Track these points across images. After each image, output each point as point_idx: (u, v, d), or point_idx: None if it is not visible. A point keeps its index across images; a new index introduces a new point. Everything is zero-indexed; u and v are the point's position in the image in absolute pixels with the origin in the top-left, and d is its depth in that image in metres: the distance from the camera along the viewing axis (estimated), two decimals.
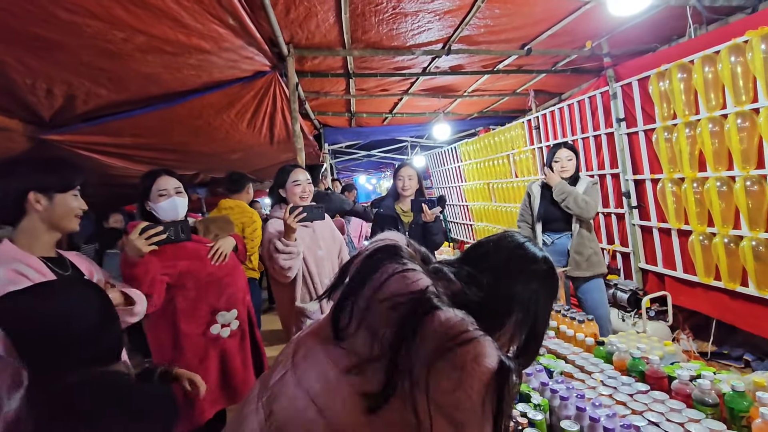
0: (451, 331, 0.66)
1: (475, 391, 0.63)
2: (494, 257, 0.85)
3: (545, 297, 0.83)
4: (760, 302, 2.35)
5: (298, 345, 0.86)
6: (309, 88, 3.91)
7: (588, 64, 3.70)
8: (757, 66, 2.11)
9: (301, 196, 2.00)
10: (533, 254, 0.85)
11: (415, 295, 0.72)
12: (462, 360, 0.64)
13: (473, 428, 0.65)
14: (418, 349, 0.67)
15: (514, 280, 0.81)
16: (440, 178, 7.62)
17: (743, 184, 2.28)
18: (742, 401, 1.15)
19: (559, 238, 2.68)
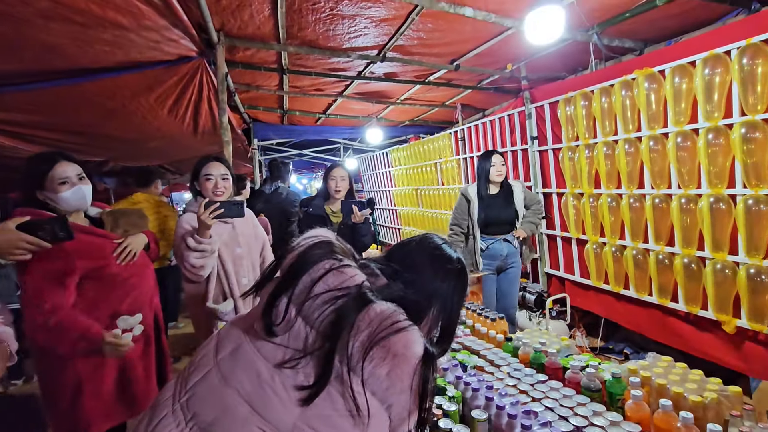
0: (385, 321, 0.73)
1: (405, 375, 0.71)
2: (416, 256, 0.91)
3: (459, 293, 0.91)
4: (638, 303, 2.75)
5: (220, 342, 0.84)
6: (239, 79, 3.74)
7: (508, 85, 4.04)
8: (641, 100, 2.47)
9: (215, 192, 1.87)
10: (449, 255, 0.92)
11: (351, 290, 0.77)
12: (395, 347, 0.71)
13: (402, 409, 0.73)
14: (355, 338, 0.72)
15: (433, 277, 0.88)
16: (371, 181, 7.73)
17: (628, 201, 2.65)
18: (618, 386, 1.33)
19: (493, 243, 2.87)
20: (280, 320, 0.78)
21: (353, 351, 0.72)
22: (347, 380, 0.71)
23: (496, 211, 2.84)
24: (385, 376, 0.71)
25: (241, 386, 0.74)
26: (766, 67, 1.91)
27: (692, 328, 2.46)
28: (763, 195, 1.97)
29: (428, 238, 0.96)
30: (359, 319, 0.73)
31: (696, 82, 2.18)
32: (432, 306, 0.86)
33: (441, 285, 0.88)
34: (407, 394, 0.72)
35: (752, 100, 1.97)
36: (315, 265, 0.81)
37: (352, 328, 0.72)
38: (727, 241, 2.14)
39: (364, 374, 0.71)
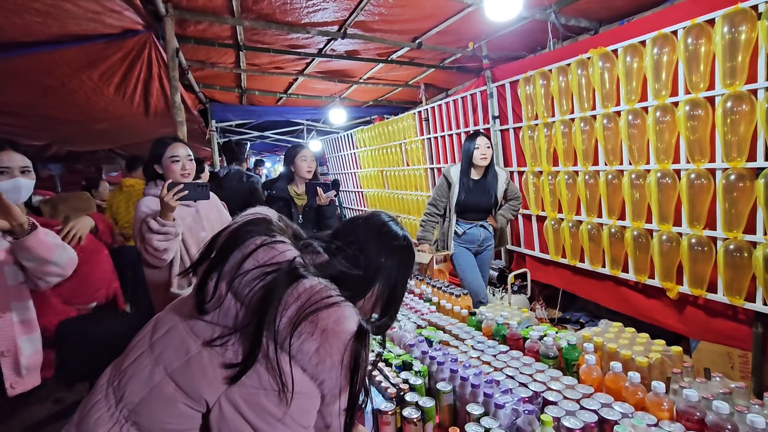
0: (314, 296, 0.73)
1: (335, 350, 0.71)
2: (362, 233, 0.92)
3: (404, 269, 0.92)
4: (593, 275, 2.90)
5: (157, 324, 0.84)
6: (193, 56, 3.54)
7: (470, 64, 4.05)
8: (596, 79, 2.55)
9: (182, 174, 1.82)
10: (395, 232, 0.94)
11: (282, 265, 0.77)
12: (324, 323, 0.71)
13: (333, 385, 0.73)
14: (283, 314, 0.71)
15: (378, 254, 0.89)
16: (336, 163, 7.62)
17: (583, 177, 2.76)
18: (573, 352, 1.41)
19: (470, 228, 2.83)
20: (210, 298, 0.77)
21: (281, 327, 0.71)
22: (274, 357, 0.71)
23: (476, 197, 2.76)
24: (314, 352, 0.70)
25: (170, 365, 0.74)
26: (708, 46, 2.01)
27: (641, 295, 2.63)
28: (704, 170, 2.11)
29: (375, 215, 0.97)
30: (288, 295, 0.73)
31: (646, 61, 2.27)
32: (376, 282, 0.88)
33: (385, 261, 0.89)
34: (338, 370, 0.72)
35: (695, 79, 2.08)
36: (246, 241, 0.81)
37: (280, 304, 0.72)
38: (672, 213, 2.28)
39: (292, 350, 0.70)
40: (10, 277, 1.27)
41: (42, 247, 1.26)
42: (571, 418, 1.06)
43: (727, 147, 1.99)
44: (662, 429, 1.01)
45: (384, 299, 0.90)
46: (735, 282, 2.04)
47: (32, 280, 1.30)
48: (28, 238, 1.23)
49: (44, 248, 1.26)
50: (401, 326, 1.75)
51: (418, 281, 2.47)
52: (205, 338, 0.75)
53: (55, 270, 1.31)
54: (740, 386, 1.13)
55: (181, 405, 0.71)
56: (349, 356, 0.72)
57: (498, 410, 1.13)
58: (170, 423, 0.72)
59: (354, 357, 0.72)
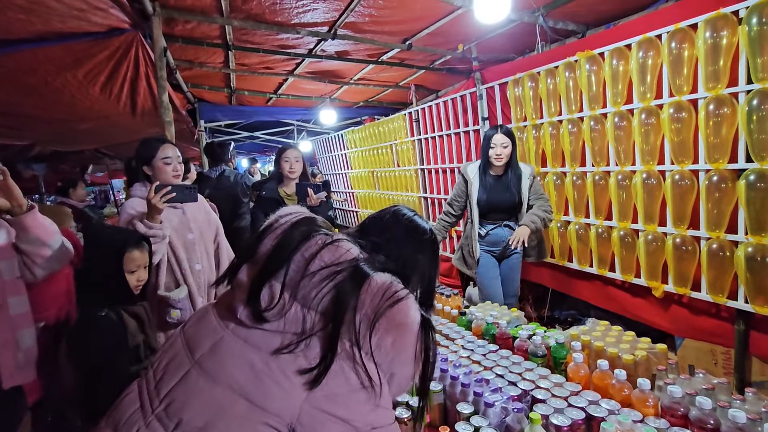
0: (387, 292, 0.73)
1: (409, 344, 0.73)
2: (392, 229, 0.93)
3: (433, 261, 0.96)
4: (581, 274, 2.94)
5: (192, 341, 0.77)
6: (181, 55, 3.50)
7: (460, 66, 4.08)
8: (583, 81, 2.59)
9: (174, 175, 1.80)
10: (423, 227, 0.96)
11: (351, 263, 0.77)
12: (398, 317, 0.72)
13: (405, 378, 0.75)
14: (360, 313, 0.72)
15: (412, 249, 0.92)
16: (327, 164, 7.60)
17: (571, 178, 2.79)
18: (561, 351, 1.43)
19: (494, 229, 2.63)
20: (272, 305, 0.73)
21: (359, 325, 0.71)
22: (355, 354, 0.70)
23: (498, 194, 2.56)
24: (391, 347, 0.71)
25: (234, 381, 0.68)
26: (691, 50, 2.06)
27: (628, 294, 2.68)
28: (687, 171, 2.15)
29: (400, 211, 0.98)
30: (362, 292, 0.73)
31: (631, 65, 2.31)
32: (414, 275, 0.90)
33: (418, 255, 0.92)
34: (411, 362, 0.74)
35: (679, 82, 2.12)
36: (306, 242, 0.78)
37: (357, 303, 0.72)
38: (657, 213, 2.32)
39: (371, 347, 0.71)
40: (7, 272, 1.27)
41: (40, 228, 1.27)
42: (559, 416, 1.07)
43: (710, 149, 2.03)
44: (647, 425, 1.03)
45: (418, 292, 0.91)
46: (718, 280, 2.09)
47: (29, 268, 1.30)
48: (27, 215, 1.24)
49: (42, 229, 1.28)
50: None
51: None
52: (270, 348, 0.70)
53: (51, 255, 1.31)
54: (722, 382, 1.16)
55: (258, 425, 0.66)
56: (420, 347, 0.74)
57: (488, 409, 1.14)
58: None
59: (425, 347, 0.75)
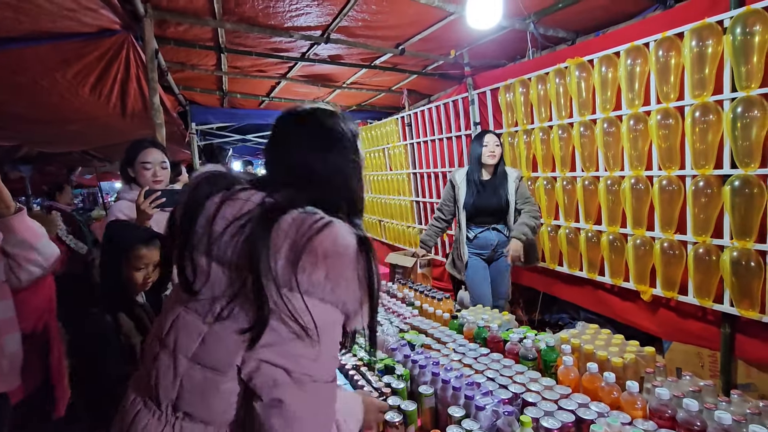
0: (301, 227, 0.69)
1: (345, 269, 0.69)
2: (295, 154, 0.83)
3: (350, 161, 0.85)
4: (571, 278, 2.96)
5: (160, 324, 0.80)
6: (172, 57, 3.47)
7: (452, 71, 4.11)
8: (573, 88, 2.63)
9: (154, 181, 1.78)
10: (326, 131, 0.83)
11: (253, 212, 0.73)
12: (322, 247, 0.68)
13: (354, 301, 0.71)
14: (276, 257, 0.68)
15: (322, 164, 0.81)
16: None
17: (561, 183, 2.82)
18: (552, 354, 1.44)
19: (482, 232, 2.68)
20: (194, 274, 0.74)
21: (280, 271, 0.68)
22: (283, 304, 0.67)
23: (486, 198, 2.60)
24: (325, 279, 0.68)
25: (188, 350, 0.72)
26: (678, 59, 2.10)
27: (617, 298, 2.71)
28: (674, 176, 2.19)
29: (291, 128, 0.87)
30: (273, 237, 0.69)
31: (620, 72, 2.35)
32: (334, 194, 0.82)
33: (331, 168, 0.81)
34: (354, 285, 0.70)
35: (666, 89, 2.16)
36: (204, 204, 0.77)
37: (269, 248, 0.68)
38: (645, 218, 2.36)
39: (302, 287, 0.67)
40: None
41: (27, 230, 1.25)
42: (549, 419, 1.08)
43: (696, 155, 2.07)
44: (636, 427, 1.04)
45: (347, 204, 0.84)
46: (704, 284, 2.13)
47: (15, 273, 1.27)
48: (15, 217, 1.23)
49: (30, 232, 1.26)
50: (384, 330, 1.75)
51: (401, 285, 2.48)
52: (210, 315, 0.71)
53: (38, 259, 1.29)
54: (709, 384, 1.18)
55: (221, 385, 0.69)
56: (361, 269, 0.70)
57: (478, 412, 1.14)
58: (223, 406, 0.70)
59: (366, 268, 0.70)
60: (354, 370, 1.45)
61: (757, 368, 2.09)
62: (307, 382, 0.68)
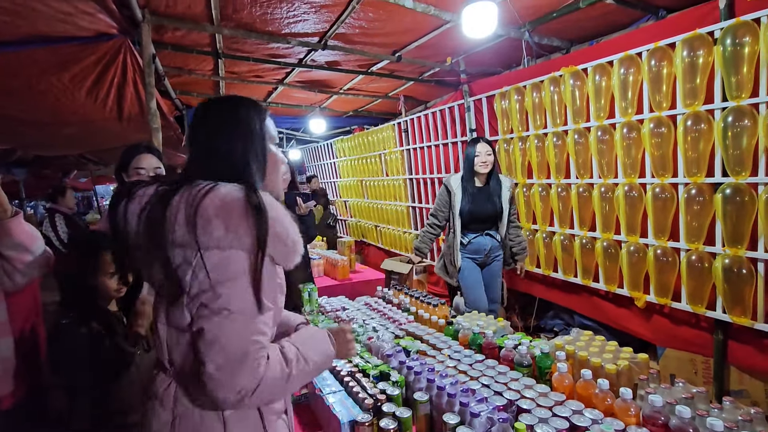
0: (189, 197, 0.78)
1: (240, 217, 0.76)
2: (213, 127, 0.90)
3: (254, 122, 0.91)
4: (566, 284, 2.98)
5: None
6: (170, 62, 3.48)
7: (449, 78, 4.14)
8: (567, 96, 2.66)
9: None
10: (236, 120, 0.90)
11: (151, 199, 0.82)
12: (213, 207, 0.76)
13: (246, 254, 0.77)
14: (174, 230, 0.77)
15: (224, 139, 0.88)
16: (316, 172, 7.60)
17: (556, 190, 2.85)
18: (546, 360, 1.44)
19: (476, 237, 2.70)
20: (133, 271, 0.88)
21: (179, 239, 0.76)
22: (192, 263, 0.76)
23: (480, 205, 2.64)
24: (226, 232, 0.75)
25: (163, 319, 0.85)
26: (670, 68, 2.13)
27: (612, 304, 2.72)
28: (667, 184, 2.22)
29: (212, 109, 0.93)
30: (168, 216, 0.78)
31: (613, 81, 2.39)
32: (242, 150, 0.88)
33: (233, 138, 0.88)
34: (252, 231, 0.76)
35: (658, 98, 2.19)
36: (117, 209, 0.87)
37: (165, 225, 0.77)
38: (639, 225, 2.38)
39: (206, 245, 0.75)
40: None
41: (23, 233, 1.27)
42: (543, 426, 1.08)
43: (688, 163, 2.10)
44: None
45: (255, 160, 0.89)
46: (697, 291, 2.15)
47: (8, 275, 1.29)
48: (12, 220, 1.25)
49: (25, 234, 1.28)
50: (379, 336, 1.75)
51: (396, 291, 2.48)
52: (163, 315, 0.85)
53: (32, 260, 1.31)
54: (701, 391, 1.19)
55: (182, 339, 0.81)
56: (252, 221, 0.76)
57: (473, 419, 1.14)
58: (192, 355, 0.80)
59: (256, 218, 0.76)
60: (349, 377, 1.45)
61: (750, 375, 2.10)
62: (224, 313, 0.75)
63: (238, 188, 0.79)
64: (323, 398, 1.34)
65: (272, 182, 0.95)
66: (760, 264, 1.92)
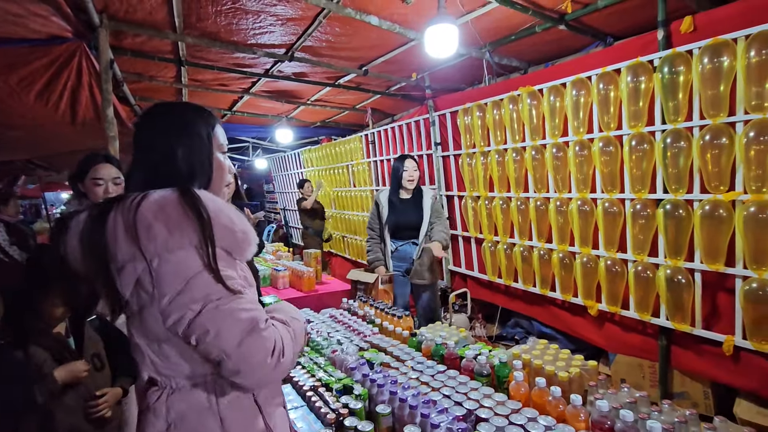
0: (125, 210, 0.77)
1: (179, 215, 0.76)
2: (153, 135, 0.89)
3: (196, 145, 0.90)
4: (526, 293, 3.09)
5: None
6: (129, 68, 3.37)
7: (414, 93, 4.25)
8: (525, 114, 2.79)
9: (105, 198, 1.71)
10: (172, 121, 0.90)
11: (87, 224, 0.81)
12: (150, 212, 0.76)
13: (196, 250, 0.76)
14: (115, 244, 0.77)
15: (169, 141, 0.87)
16: (283, 182, 7.51)
17: (516, 203, 2.97)
18: (504, 369, 1.50)
19: (402, 246, 2.96)
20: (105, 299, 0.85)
21: (122, 255, 0.76)
22: (141, 276, 0.76)
23: (406, 216, 2.90)
24: (169, 234, 0.75)
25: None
26: (616, 91, 2.30)
27: (568, 313, 2.85)
28: (615, 199, 2.37)
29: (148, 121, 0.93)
30: (108, 229, 0.77)
31: (567, 101, 2.53)
32: (187, 155, 0.87)
33: (176, 142, 0.87)
34: (194, 224, 0.76)
35: (606, 119, 2.35)
36: (59, 245, 0.86)
37: (107, 237, 0.77)
38: (591, 237, 2.52)
39: (158, 250, 0.74)
40: None
41: None
42: None
43: (633, 180, 2.26)
44: None
45: (189, 160, 0.88)
46: (643, 299, 2.29)
47: None
48: None
49: None
50: (343, 349, 1.75)
51: (361, 303, 2.49)
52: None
53: None
54: (643, 395, 1.27)
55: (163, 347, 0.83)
56: (193, 215, 0.76)
57: (434, 430, 1.16)
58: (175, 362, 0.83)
59: (195, 211, 0.76)
60: (311, 391, 1.44)
61: (690, 377, 2.26)
62: (209, 307, 0.75)
63: (170, 191, 0.79)
64: None
65: (216, 190, 0.94)
66: (697, 274, 2.08)
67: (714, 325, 2.09)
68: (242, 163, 9.35)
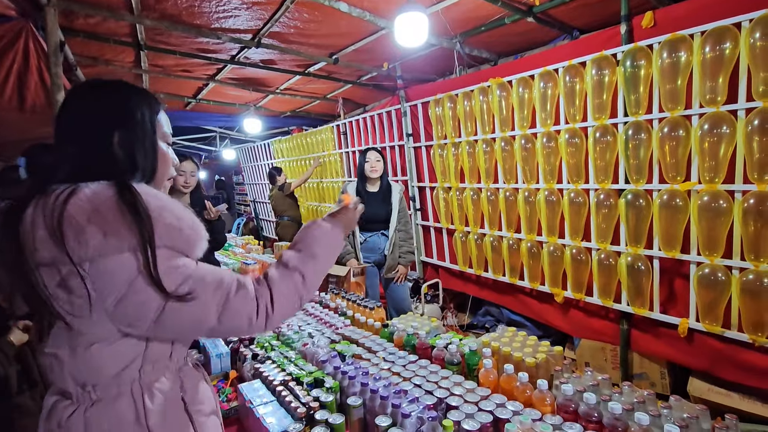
0: (47, 208, 0.67)
1: (114, 219, 0.67)
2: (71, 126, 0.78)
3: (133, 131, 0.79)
4: (497, 283, 3.15)
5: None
6: (83, 51, 3.16)
7: (386, 83, 4.21)
8: (495, 106, 2.82)
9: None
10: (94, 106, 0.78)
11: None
12: (80, 214, 0.66)
13: (133, 254, 0.68)
14: (34, 252, 0.68)
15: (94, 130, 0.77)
16: (252, 173, 7.33)
17: (486, 194, 3.01)
18: (474, 357, 1.52)
19: (371, 237, 2.99)
20: (16, 305, 0.76)
21: (50, 258, 0.67)
22: (76, 283, 0.67)
23: (374, 208, 2.90)
24: (105, 238, 0.66)
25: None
26: (582, 84, 2.35)
27: (535, 300, 2.93)
28: (581, 189, 2.44)
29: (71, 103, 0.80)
30: (23, 232, 0.69)
31: (534, 93, 2.58)
32: (126, 142, 0.77)
33: (95, 125, 0.76)
34: (126, 231, 0.67)
35: (572, 111, 2.41)
36: None
37: (26, 240, 0.68)
38: (557, 227, 2.59)
39: (90, 255, 0.66)
40: None
41: None
42: (469, 421, 1.14)
43: (597, 171, 2.33)
44: (545, 422, 1.13)
45: (133, 150, 0.78)
46: (606, 286, 2.38)
47: None
48: None
49: None
50: (314, 342, 1.73)
51: (333, 295, 2.47)
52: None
53: None
54: (605, 378, 1.32)
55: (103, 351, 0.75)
56: (129, 213, 0.68)
57: (404, 420, 1.17)
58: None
59: (132, 210, 0.68)
60: (282, 386, 1.42)
61: (648, 359, 2.38)
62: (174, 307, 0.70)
63: (105, 185, 0.70)
64: (253, 410, 1.30)
65: (160, 183, 0.85)
66: (655, 261, 2.18)
67: (670, 309, 2.20)
68: (209, 153, 9.06)
